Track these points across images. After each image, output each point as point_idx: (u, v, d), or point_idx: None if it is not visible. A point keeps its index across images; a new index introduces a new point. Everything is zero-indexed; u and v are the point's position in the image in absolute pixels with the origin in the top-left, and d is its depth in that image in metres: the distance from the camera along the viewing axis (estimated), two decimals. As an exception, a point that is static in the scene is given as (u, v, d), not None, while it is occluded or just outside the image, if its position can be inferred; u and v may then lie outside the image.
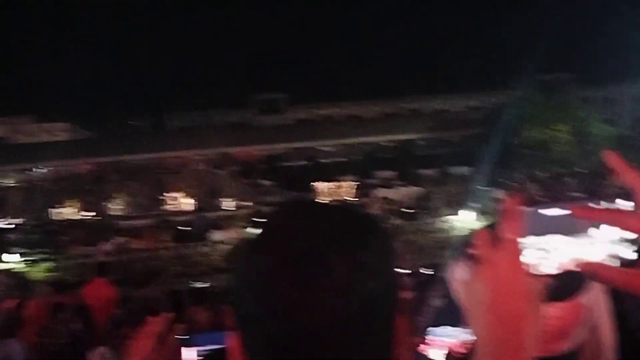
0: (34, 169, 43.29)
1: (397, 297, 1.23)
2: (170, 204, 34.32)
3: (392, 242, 1.27)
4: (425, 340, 3.38)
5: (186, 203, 34.05)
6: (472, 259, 1.21)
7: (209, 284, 14.25)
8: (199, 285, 13.18)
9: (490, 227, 1.25)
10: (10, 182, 43.08)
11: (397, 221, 24.00)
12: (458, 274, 2.03)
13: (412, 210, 25.55)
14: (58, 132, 71.51)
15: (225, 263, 20.67)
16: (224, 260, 20.89)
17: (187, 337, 2.73)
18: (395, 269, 1.23)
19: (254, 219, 24.78)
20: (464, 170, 37.90)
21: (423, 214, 25.19)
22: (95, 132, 67.83)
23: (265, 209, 25.77)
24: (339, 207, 1.26)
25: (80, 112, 75.18)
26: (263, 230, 1.22)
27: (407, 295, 9.24)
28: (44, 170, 42.34)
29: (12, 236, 24.17)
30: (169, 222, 27.59)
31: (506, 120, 31.56)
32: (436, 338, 3.39)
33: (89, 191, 37.93)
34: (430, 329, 3.42)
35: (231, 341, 1.22)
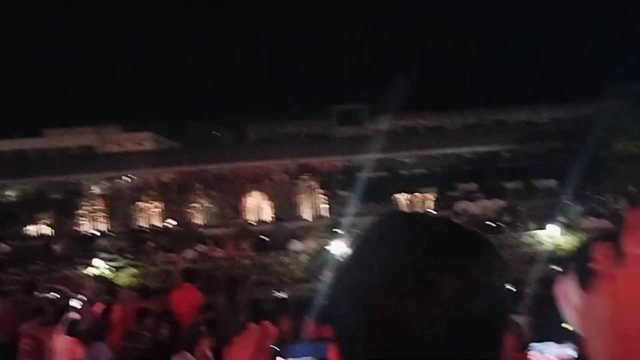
0: (121, 178, 44.37)
1: (506, 315, 1.17)
2: (250, 214, 34.71)
3: (501, 257, 1.21)
4: (528, 357, 3.28)
5: (266, 213, 34.36)
6: (592, 273, 1.12)
7: (289, 294, 14.29)
8: (280, 294, 13.20)
9: (610, 241, 1.16)
10: (97, 189, 44.30)
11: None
12: (568, 290, 1.93)
13: (495, 224, 25.06)
14: (143, 141, 73.37)
15: (305, 273, 20.74)
16: (304, 270, 20.96)
17: (279, 346, 2.68)
18: (505, 286, 1.16)
19: (333, 230, 24.77)
20: (550, 183, 37.12)
21: (507, 228, 24.68)
22: (179, 141, 69.29)
23: (344, 219, 25.75)
24: (442, 219, 1.22)
25: (165, 121, 77.02)
26: (363, 243, 1.19)
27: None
28: (130, 179, 43.36)
29: (98, 243, 24.80)
30: (249, 231, 27.84)
31: (594, 132, 30.73)
32: (538, 354, 3.28)
33: (172, 199, 38.66)
34: (532, 344, 3.31)
35: (330, 354, 1.18)
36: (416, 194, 35.29)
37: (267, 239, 25.58)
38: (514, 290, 12.15)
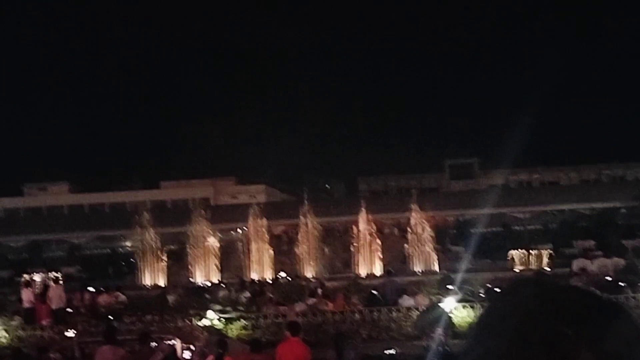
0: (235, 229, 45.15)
1: None
2: (361, 267, 34.57)
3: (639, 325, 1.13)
4: None
5: (377, 267, 34.13)
6: None
7: (399, 350, 14.06)
8: (390, 352, 13.00)
9: None
10: (210, 241, 45.22)
11: (598, 294, 22.67)
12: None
13: (615, 284, 24.02)
14: (256, 193, 74.79)
15: (415, 330, 20.40)
16: (414, 327, 20.62)
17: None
18: None
19: (446, 285, 24.34)
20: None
21: (627, 288, 23.58)
22: (291, 194, 70.23)
23: (456, 275, 25.28)
24: (575, 288, 1.15)
25: (276, 174, 78.41)
26: (493, 310, 1.13)
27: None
28: (243, 230, 44.05)
29: (211, 294, 25.20)
30: (359, 285, 27.69)
31: None
32: None
33: (284, 252, 39.03)
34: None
35: None
36: (531, 250, 34.28)
37: (377, 293, 25.39)
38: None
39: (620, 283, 23.91)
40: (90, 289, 26.94)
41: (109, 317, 21.14)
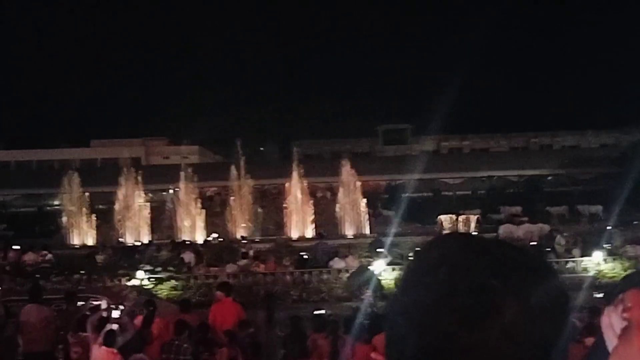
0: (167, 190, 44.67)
1: (568, 346, 1.09)
2: (293, 230, 34.70)
3: (563, 284, 1.14)
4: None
5: (309, 230, 34.32)
6: (624, 321, 1.08)
7: (328, 311, 14.20)
8: (320, 312, 13.13)
9: None
10: (141, 202, 44.70)
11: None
12: (613, 321, 1.84)
13: (539, 249, 24.69)
14: (189, 154, 74.00)
15: (345, 291, 20.64)
16: (344, 288, 20.85)
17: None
18: (568, 314, 1.09)
19: (376, 249, 24.65)
20: (595, 209, 36.56)
21: (550, 253, 24.27)
22: (225, 156, 69.74)
23: (386, 239, 25.62)
24: (503, 242, 1.15)
25: (210, 136, 77.66)
26: (420, 262, 1.13)
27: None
28: (174, 191, 43.63)
29: (141, 255, 24.98)
30: (291, 247, 27.81)
31: (641, 158, 30.18)
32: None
33: (215, 213, 38.85)
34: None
35: None
36: (460, 215, 34.88)
37: (308, 255, 25.56)
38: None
39: (544, 249, 24.60)
40: (16, 247, 26.39)
41: (36, 275, 20.78)
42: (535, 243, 25.73)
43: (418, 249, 1.22)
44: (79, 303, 14.32)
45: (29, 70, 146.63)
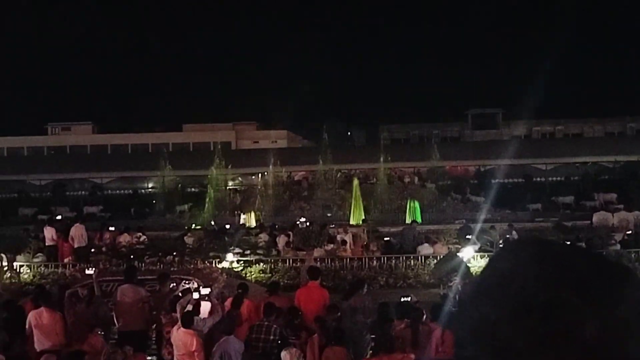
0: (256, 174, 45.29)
1: None
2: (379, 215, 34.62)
3: None
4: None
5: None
6: None
7: (415, 298, 14.12)
8: (406, 299, 13.06)
9: None
10: (232, 185, 45.46)
11: (617, 247, 22.56)
12: None
13: (635, 236, 23.91)
14: (277, 138, 74.72)
15: (432, 278, 20.48)
16: (432, 275, 20.70)
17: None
18: None
19: (465, 236, 24.34)
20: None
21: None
22: (312, 140, 70.11)
23: (476, 225, 25.27)
24: (581, 250, 1.08)
25: (298, 120, 78.20)
26: (490, 275, 1.06)
27: None
28: (264, 175, 44.21)
29: (231, 237, 25.37)
30: (378, 232, 27.73)
31: None
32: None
33: (304, 197, 39.14)
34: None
35: None
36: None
37: (395, 241, 25.45)
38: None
39: (640, 237, 23.79)
40: (112, 228, 27.22)
41: (130, 256, 21.39)
42: (630, 232, 24.89)
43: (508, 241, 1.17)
44: (172, 284, 14.68)
45: (124, 59, 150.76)
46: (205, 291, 12.76)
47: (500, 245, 22.14)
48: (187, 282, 15.46)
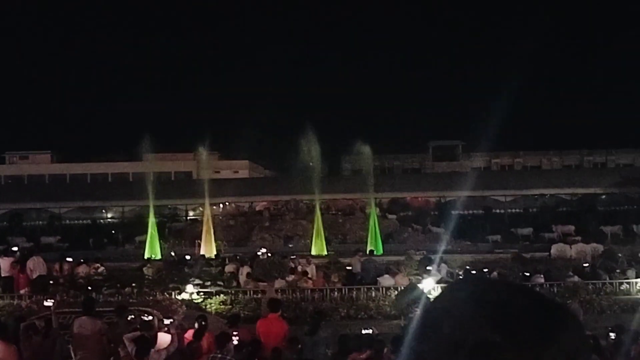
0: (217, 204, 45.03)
1: None
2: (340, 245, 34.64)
3: (585, 334, 1.08)
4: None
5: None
6: None
7: (376, 330, 14.13)
8: (367, 331, 13.07)
9: None
10: (192, 215, 45.18)
11: (575, 279, 22.84)
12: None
13: (592, 269, 24.21)
14: (239, 169, 74.56)
15: (393, 309, 20.49)
16: (393, 306, 20.70)
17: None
18: None
19: (425, 267, 24.44)
20: (650, 229, 35.81)
21: (604, 273, 23.76)
22: (273, 170, 70.14)
23: (436, 256, 25.40)
24: (520, 289, 1.09)
25: (259, 151, 78.10)
26: (427, 315, 1.10)
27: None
28: (225, 205, 44.07)
29: (191, 268, 25.18)
30: (339, 263, 27.71)
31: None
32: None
33: (265, 228, 39.05)
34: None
35: None
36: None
37: (357, 272, 25.45)
38: (613, 338, 11.70)
39: (597, 269, 24.11)
40: (69, 259, 26.83)
41: (88, 288, 21.09)
42: (587, 264, 25.22)
43: (468, 272, 1.18)
44: (130, 317, 14.49)
45: (83, 87, 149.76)
46: (167, 322, 12.63)
47: (460, 276, 22.32)
48: (146, 314, 15.28)
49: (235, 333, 12.64)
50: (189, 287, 21.22)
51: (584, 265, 25.02)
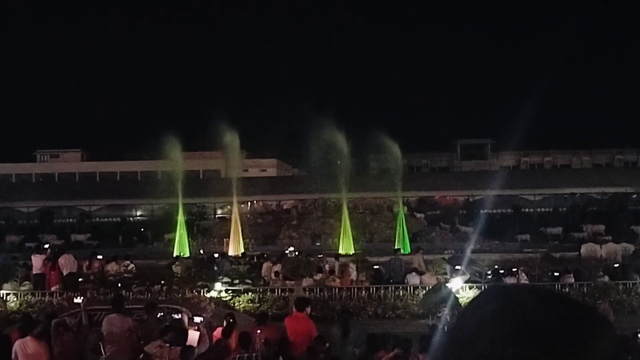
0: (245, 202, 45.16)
1: None
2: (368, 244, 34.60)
3: (619, 337, 1.06)
4: None
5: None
6: None
7: (402, 330, 14.13)
8: (392, 331, 13.09)
9: None
10: (220, 213, 45.36)
11: (605, 279, 22.60)
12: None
13: (623, 269, 23.94)
14: (267, 167, 74.73)
15: (421, 308, 20.43)
16: (420, 305, 20.64)
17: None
18: None
19: (454, 266, 24.33)
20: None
21: (635, 273, 23.48)
22: (301, 169, 70.12)
23: (464, 256, 25.27)
24: (549, 297, 1.05)
25: (287, 149, 78.19)
26: (458, 333, 1.05)
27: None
28: (253, 204, 44.17)
29: (220, 266, 25.27)
30: (367, 262, 27.67)
31: None
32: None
33: (293, 226, 39.11)
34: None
35: None
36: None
37: (384, 270, 25.39)
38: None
39: (628, 268, 23.84)
40: (100, 256, 27.05)
41: (118, 285, 21.25)
42: (618, 264, 24.94)
43: (496, 272, 1.15)
44: (159, 314, 14.58)
45: (113, 86, 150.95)
46: (197, 319, 12.70)
47: (488, 276, 22.17)
48: (175, 311, 15.38)
49: (258, 331, 12.68)
50: (217, 285, 21.32)
51: (615, 265, 24.75)
